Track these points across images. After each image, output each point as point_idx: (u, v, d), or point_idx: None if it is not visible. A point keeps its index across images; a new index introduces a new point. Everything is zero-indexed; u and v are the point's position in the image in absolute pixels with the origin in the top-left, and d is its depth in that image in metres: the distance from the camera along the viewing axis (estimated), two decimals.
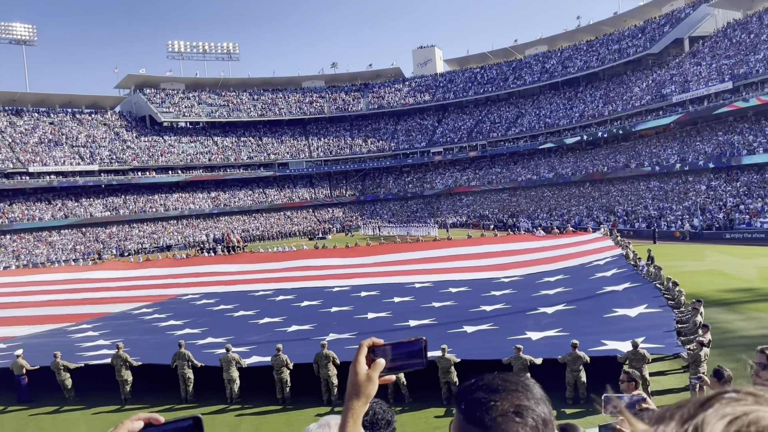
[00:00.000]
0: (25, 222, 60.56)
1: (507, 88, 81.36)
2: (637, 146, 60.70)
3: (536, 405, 1.17)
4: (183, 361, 13.40)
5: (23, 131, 68.43)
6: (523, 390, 1.19)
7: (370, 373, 1.54)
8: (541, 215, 56.93)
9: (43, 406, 13.97)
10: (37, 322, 21.66)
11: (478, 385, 1.22)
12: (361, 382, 1.53)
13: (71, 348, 16.24)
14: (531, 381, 1.24)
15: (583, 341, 11.70)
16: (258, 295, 24.25)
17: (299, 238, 63.75)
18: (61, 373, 14.01)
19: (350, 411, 1.53)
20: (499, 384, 1.20)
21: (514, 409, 1.15)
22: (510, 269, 24.61)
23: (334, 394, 12.46)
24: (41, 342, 18.09)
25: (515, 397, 1.17)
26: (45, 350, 15.76)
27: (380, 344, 1.57)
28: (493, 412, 1.15)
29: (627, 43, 70.12)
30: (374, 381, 1.54)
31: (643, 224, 44.22)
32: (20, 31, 74.71)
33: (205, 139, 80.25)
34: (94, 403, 13.82)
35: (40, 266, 48.70)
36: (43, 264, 51.05)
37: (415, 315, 17.02)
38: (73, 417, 13.19)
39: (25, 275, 34.76)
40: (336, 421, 2.06)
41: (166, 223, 68.72)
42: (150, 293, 26.40)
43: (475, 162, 79.00)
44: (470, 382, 1.25)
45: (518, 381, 1.23)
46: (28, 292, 27.67)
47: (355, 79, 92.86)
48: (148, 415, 1.25)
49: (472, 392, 1.20)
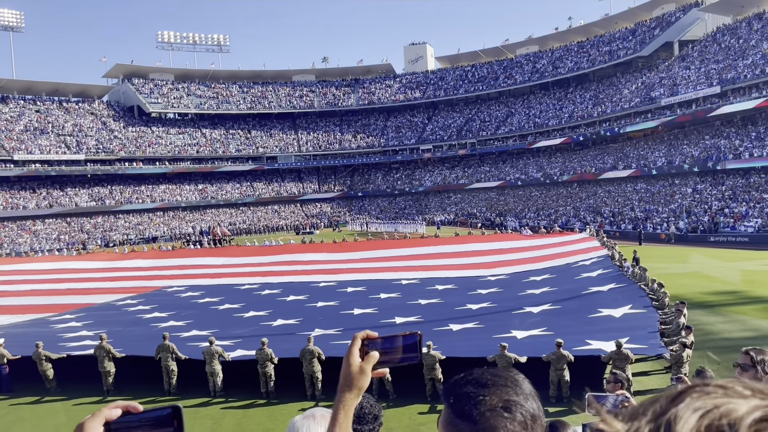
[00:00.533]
0: (9, 210, 59.90)
1: (497, 87, 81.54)
2: (625, 148, 61.11)
3: (525, 400, 1.17)
4: (167, 353, 13.31)
5: (8, 118, 67.59)
6: (513, 385, 1.19)
7: (363, 366, 1.53)
8: (529, 215, 57.19)
9: (23, 396, 13.82)
10: (19, 312, 21.42)
11: (467, 379, 1.21)
12: (354, 374, 1.53)
13: (53, 338, 16.08)
14: (520, 376, 1.23)
15: (567, 341, 11.76)
16: (244, 289, 24.17)
17: (286, 232, 63.56)
18: (43, 364, 13.86)
19: (341, 403, 1.53)
20: (488, 379, 1.19)
21: (503, 404, 1.15)
22: (496, 267, 24.71)
23: (318, 389, 12.44)
24: (23, 332, 17.90)
25: (504, 392, 1.17)
26: (27, 340, 15.59)
27: (374, 337, 1.57)
28: (481, 406, 1.14)
29: (617, 45, 70.52)
30: (367, 374, 1.53)
31: (629, 226, 44.55)
32: (7, 17, 73.74)
33: (194, 131, 79.72)
34: (76, 394, 13.70)
35: (23, 255, 48.17)
36: (26, 253, 50.50)
37: (401, 312, 17.03)
38: (53, 407, 13.07)
39: (7, 264, 34.37)
40: (321, 413, 2.06)
41: (152, 214, 68.26)
42: (135, 285, 26.21)
43: (465, 160, 79.15)
44: (459, 376, 1.23)
45: (507, 376, 1.21)
46: (10, 281, 27.36)
47: (346, 74, 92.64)
48: (126, 402, 1.23)
49: (461, 387, 1.19)
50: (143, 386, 13.67)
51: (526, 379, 1.23)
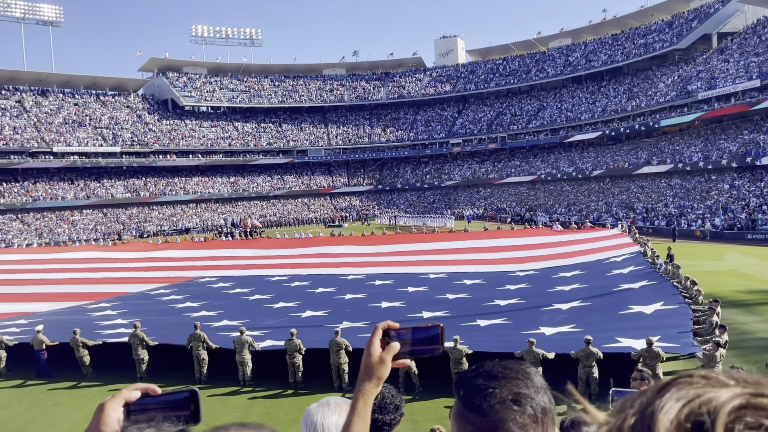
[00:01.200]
0: (48, 201, 61.50)
1: (529, 80, 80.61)
2: (659, 143, 59.92)
3: (536, 393, 1.17)
4: (198, 342, 13.59)
5: (48, 111, 69.32)
6: (523, 378, 1.19)
7: (383, 356, 1.55)
8: (560, 210, 56.54)
9: (61, 381, 14.26)
10: (57, 299, 22.04)
11: (478, 372, 1.22)
12: (374, 363, 1.54)
13: (90, 326, 16.52)
14: (532, 369, 1.24)
15: (597, 338, 11.66)
16: (274, 280, 24.45)
17: (316, 225, 64.00)
18: (80, 350, 14.28)
19: (361, 392, 1.55)
20: (498, 371, 1.20)
21: (513, 397, 1.14)
22: (526, 263, 24.51)
23: (345, 381, 12.57)
24: (61, 319, 18.42)
25: (514, 385, 1.17)
26: (64, 327, 16.06)
27: (395, 328, 1.57)
28: (491, 399, 1.14)
29: (653, 37, 69.04)
30: (387, 364, 1.54)
31: (662, 222, 43.74)
32: (47, 13, 75.46)
33: (226, 124, 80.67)
34: (111, 380, 14.07)
35: (62, 245, 49.46)
36: (64, 243, 51.84)
37: (428, 306, 17.04)
38: (89, 393, 13.46)
39: (47, 253, 35.37)
40: (335, 401, 2.11)
41: (185, 206, 69.37)
42: (168, 275, 26.73)
43: (495, 154, 78.53)
44: (470, 368, 1.25)
45: (518, 369, 1.22)
46: (49, 270, 28.16)
47: (376, 68, 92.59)
48: (145, 385, 1.29)
49: (472, 379, 1.21)
50: (175, 374, 13.98)
51: (538, 372, 1.24)
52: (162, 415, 1.19)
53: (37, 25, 76.04)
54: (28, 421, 11.94)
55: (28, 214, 59.39)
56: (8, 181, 62.06)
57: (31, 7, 74.16)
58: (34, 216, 59.46)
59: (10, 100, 68.26)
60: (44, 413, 12.31)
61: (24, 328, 17.07)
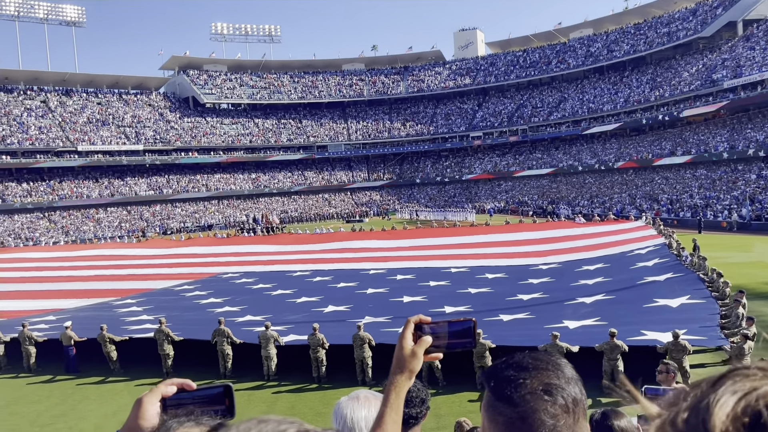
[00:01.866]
0: (74, 199, 62.49)
1: (550, 72, 79.81)
2: (684, 133, 58.96)
3: (567, 384, 1.17)
4: (222, 337, 13.73)
5: (72, 111, 70.39)
6: (554, 369, 1.19)
7: (415, 349, 1.55)
8: (582, 202, 55.97)
9: (89, 376, 14.53)
10: (84, 296, 22.42)
11: (508, 363, 1.23)
12: (406, 356, 1.55)
13: (116, 321, 16.78)
14: (563, 361, 1.24)
15: (622, 331, 11.53)
16: (296, 275, 24.58)
17: (336, 220, 64.19)
18: (107, 345, 14.52)
19: (393, 385, 1.57)
20: (529, 362, 1.20)
21: (543, 387, 1.15)
22: (548, 256, 24.32)
23: (368, 375, 12.61)
24: (88, 315, 18.74)
25: (545, 376, 1.17)
26: (92, 323, 16.34)
27: (427, 322, 1.58)
28: (521, 389, 1.15)
29: (677, 26, 67.87)
30: (419, 357, 1.55)
31: (688, 213, 43.08)
32: (70, 13, 76.50)
33: (246, 121, 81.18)
34: (137, 375, 14.30)
35: (88, 242, 50.26)
36: (90, 240, 52.67)
37: (450, 300, 16.99)
38: (116, 388, 13.69)
39: (73, 251, 35.97)
40: (365, 395, 2.11)
41: (207, 203, 70.01)
42: (191, 271, 27.03)
43: (516, 147, 77.95)
44: (500, 360, 1.25)
45: (549, 360, 1.22)
46: (76, 267, 28.65)
47: (395, 62, 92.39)
48: (181, 380, 1.31)
49: (502, 370, 1.21)
50: (200, 369, 14.14)
51: (568, 364, 1.23)
52: (199, 409, 1.22)
53: (60, 26, 77.13)
54: (58, 415, 12.18)
55: (55, 213, 60.42)
56: (35, 180, 63.19)
57: (54, 7, 75.23)
58: (60, 214, 60.48)
59: (35, 101, 69.44)
60: (73, 408, 12.55)
61: (52, 325, 17.40)
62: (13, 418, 12.19)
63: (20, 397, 13.47)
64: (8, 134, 62.55)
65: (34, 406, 12.83)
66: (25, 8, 72.94)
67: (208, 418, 1.16)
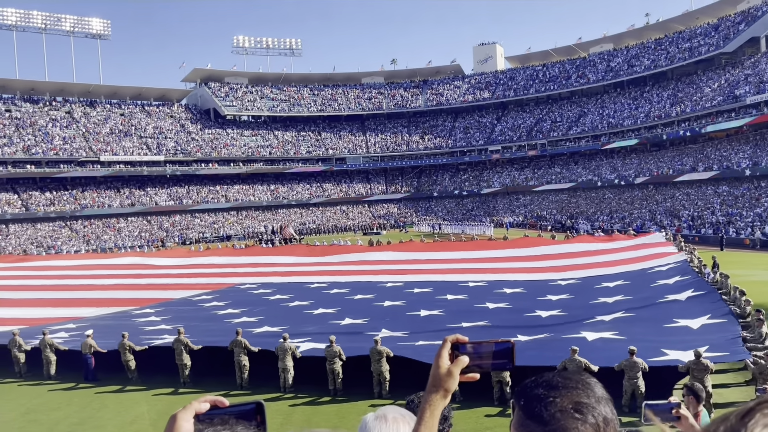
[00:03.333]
0: (96, 209, 63.35)
1: (569, 86, 79.60)
2: (705, 149, 58.34)
3: (597, 403, 1.17)
4: (239, 348, 13.77)
5: (96, 122, 71.56)
6: (584, 388, 1.19)
7: (451, 369, 1.54)
8: (602, 217, 55.50)
9: (107, 384, 14.64)
10: (104, 305, 22.65)
11: (538, 382, 1.23)
12: (442, 376, 1.54)
13: (135, 330, 16.91)
14: (593, 380, 1.24)
15: (642, 348, 11.36)
16: (313, 287, 24.62)
17: (354, 232, 64.28)
18: (127, 354, 14.63)
19: (428, 404, 1.55)
20: (559, 381, 1.21)
21: (573, 406, 1.15)
22: (567, 271, 24.10)
23: (386, 389, 12.55)
24: (108, 324, 18.91)
25: (575, 395, 1.17)
26: (111, 331, 16.50)
27: (465, 341, 1.57)
28: (552, 407, 1.15)
29: (699, 41, 67.39)
30: (454, 377, 1.54)
31: (709, 230, 42.51)
32: (96, 26, 77.95)
33: (266, 133, 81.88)
34: (155, 384, 14.39)
35: (108, 251, 50.83)
36: (110, 249, 53.27)
37: (468, 316, 16.84)
38: (135, 397, 13.78)
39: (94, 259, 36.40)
40: (393, 415, 2.02)
41: (226, 213, 70.57)
42: (210, 281, 27.19)
43: (534, 161, 77.66)
44: (531, 379, 1.26)
45: (579, 379, 1.22)
46: (96, 276, 28.97)
47: (414, 76, 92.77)
48: (214, 397, 1.34)
49: (532, 389, 1.22)
50: (217, 380, 14.21)
51: (599, 383, 1.23)
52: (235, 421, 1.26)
53: (85, 38, 78.63)
54: (77, 423, 12.28)
55: (77, 222, 61.27)
56: (58, 189, 64.20)
57: (80, 21, 76.73)
58: (82, 223, 61.32)
59: (60, 111, 70.72)
60: (92, 416, 12.65)
61: (72, 333, 17.59)
62: (33, 425, 12.31)
63: (40, 405, 13.61)
64: (33, 144, 63.72)
65: (53, 414, 12.95)
66: (52, 21, 74.55)
67: (243, 428, 1.21)
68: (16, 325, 18.12)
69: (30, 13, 72.85)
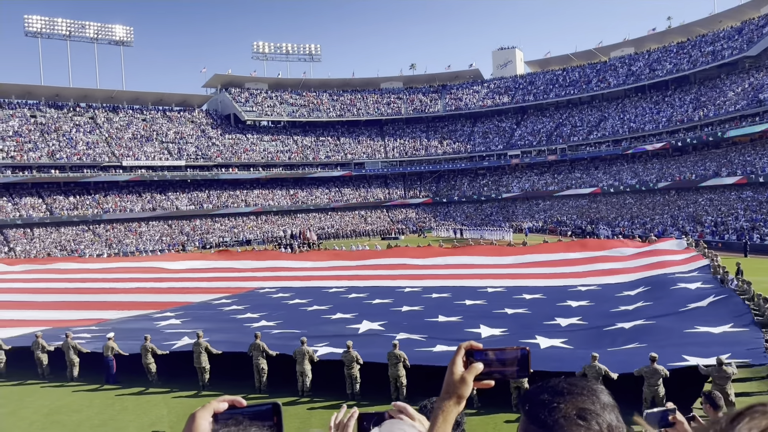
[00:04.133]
0: (118, 213, 64.22)
1: (590, 90, 78.99)
2: (729, 153, 57.50)
3: (602, 410, 1.16)
4: (258, 352, 13.86)
5: (119, 127, 72.60)
6: (589, 394, 1.19)
7: (465, 375, 1.54)
8: (623, 223, 54.93)
9: (128, 387, 14.82)
10: (125, 308, 22.95)
11: (544, 387, 1.24)
12: (456, 382, 1.54)
13: (156, 334, 17.08)
14: (599, 387, 1.24)
15: (663, 354, 11.23)
16: (331, 291, 24.70)
17: (372, 237, 64.35)
18: (148, 357, 14.80)
19: (441, 410, 1.56)
20: (564, 387, 1.21)
21: (577, 413, 1.15)
22: (588, 277, 23.88)
23: (403, 394, 12.55)
24: (129, 327, 19.14)
25: (580, 401, 1.17)
26: (132, 334, 16.72)
27: (479, 348, 1.57)
28: (555, 413, 1.15)
29: (722, 44, 66.53)
30: (468, 383, 1.54)
31: (733, 236, 41.86)
32: (119, 33, 79.19)
33: (286, 138, 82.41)
34: (175, 387, 14.53)
35: (130, 255, 51.45)
36: (132, 253, 53.92)
37: (486, 321, 16.75)
38: (155, 399, 13.92)
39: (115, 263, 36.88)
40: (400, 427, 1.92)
41: (246, 218, 71.08)
42: (230, 285, 27.41)
43: (554, 166, 77.13)
44: (537, 384, 1.27)
45: (584, 386, 1.22)
46: (117, 279, 29.35)
47: (433, 81, 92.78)
48: (231, 398, 1.37)
49: (537, 394, 1.22)
50: (236, 383, 14.31)
51: (605, 390, 1.23)
52: (249, 421, 1.31)
53: (109, 45, 79.85)
54: (98, 425, 12.45)
55: (99, 226, 62.15)
56: (81, 193, 65.20)
57: (103, 27, 77.99)
58: (104, 227, 62.18)
59: (84, 117, 71.87)
60: (113, 418, 12.81)
61: (95, 334, 17.84)
62: (55, 426, 12.50)
63: (63, 406, 13.82)
64: (57, 149, 64.81)
65: (75, 416, 13.14)
66: (77, 28, 75.87)
67: (256, 429, 1.26)
68: (39, 327, 18.42)
69: (55, 20, 74.25)
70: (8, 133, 64.02)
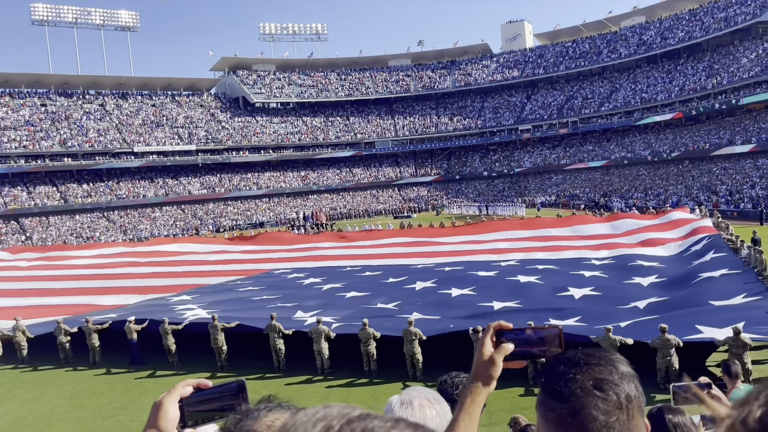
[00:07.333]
0: (131, 199, 64.68)
1: (600, 62, 77.90)
2: (743, 121, 56.66)
3: (620, 380, 1.15)
4: (274, 332, 14.03)
5: (128, 113, 72.80)
6: (606, 364, 1.18)
7: (494, 356, 1.51)
8: (636, 195, 54.52)
9: (148, 369, 15.10)
10: (142, 292, 23.22)
11: (560, 359, 1.24)
12: (485, 363, 1.52)
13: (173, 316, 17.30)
14: (617, 356, 1.23)
15: (676, 326, 11.22)
16: (346, 270, 24.81)
17: (385, 216, 64.40)
18: (168, 338, 15.03)
19: (470, 390, 1.53)
20: (581, 358, 1.21)
21: (595, 383, 1.14)
22: (601, 250, 23.76)
23: (419, 370, 12.67)
24: (147, 311, 19.37)
25: (597, 371, 1.16)
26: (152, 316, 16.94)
27: (509, 328, 1.54)
28: (571, 384, 1.15)
29: (735, 10, 65.18)
30: (497, 364, 1.51)
31: (748, 205, 41.43)
32: (125, 18, 79.00)
33: (295, 120, 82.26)
34: (194, 369, 14.76)
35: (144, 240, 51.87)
36: (146, 238, 54.37)
37: (499, 295, 16.75)
38: (174, 381, 13.85)
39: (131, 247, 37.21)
40: (419, 402, 1.94)
41: (258, 200, 71.34)
42: (244, 267, 27.59)
43: (566, 139, 76.48)
44: (554, 356, 1.28)
45: (602, 356, 1.21)
46: (136, 263, 29.67)
47: (442, 57, 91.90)
48: (197, 380, 1.40)
49: (554, 366, 1.22)
50: (254, 364, 14.52)
51: (623, 359, 1.22)
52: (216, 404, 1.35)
53: (115, 31, 79.76)
54: (120, 407, 12.71)
55: (113, 212, 62.65)
56: (94, 181, 65.67)
57: (109, 13, 77.85)
58: (118, 213, 62.67)
59: (94, 104, 72.10)
60: (134, 401, 13.06)
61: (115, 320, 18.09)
62: (78, 410, 12.78)
63: (85, 390, 14.10)
64: (69, 137, 65.18)
65: (97, 399, 13.41)
66: (82, 15, 75.80)
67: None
68: (60, 314, 18.71)
69: (60, 8, 74.19)
70: (20, 122, 64.41)
